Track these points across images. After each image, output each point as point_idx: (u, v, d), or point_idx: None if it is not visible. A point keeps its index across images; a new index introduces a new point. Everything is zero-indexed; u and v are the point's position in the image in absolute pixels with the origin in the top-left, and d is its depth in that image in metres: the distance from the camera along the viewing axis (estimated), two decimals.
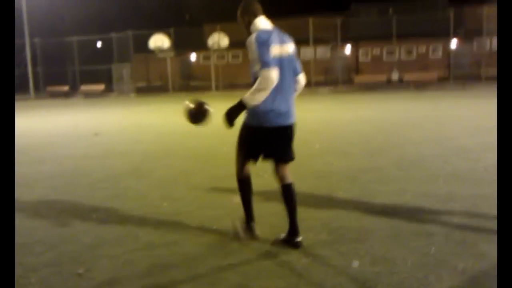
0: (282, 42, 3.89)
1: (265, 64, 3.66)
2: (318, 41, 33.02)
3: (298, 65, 4.09)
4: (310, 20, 30.31)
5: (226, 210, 5.06)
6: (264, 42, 3.73)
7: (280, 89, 3.82)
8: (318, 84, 30.37)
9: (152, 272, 3.64)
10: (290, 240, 4.03)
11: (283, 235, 4.11)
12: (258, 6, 4.04)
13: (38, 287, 3.46)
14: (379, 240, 4.12)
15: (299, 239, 4.02)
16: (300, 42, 38.67)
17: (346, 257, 3.77)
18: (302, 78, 4.16)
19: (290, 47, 3.96)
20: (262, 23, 3.97)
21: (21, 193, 6.22)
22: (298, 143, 4.32)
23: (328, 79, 33.81)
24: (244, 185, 4.20)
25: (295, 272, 3.54)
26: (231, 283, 3.40)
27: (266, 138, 3.93)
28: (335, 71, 32.82)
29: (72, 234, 4.57)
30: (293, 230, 4.04)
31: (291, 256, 3.83)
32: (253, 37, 3.81)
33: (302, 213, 4.92)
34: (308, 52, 31.73)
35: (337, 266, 3.62)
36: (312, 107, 18.21)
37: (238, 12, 4.04)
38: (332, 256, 3.79)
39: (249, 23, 3.99)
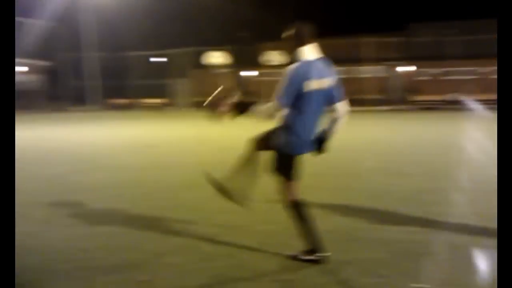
0: (321, 76, 3.88)
1: (282, 99, 3.77)
2: (375, 60, 32.73)
3: (338, 94, 4.04)
4: (368, 40, 30.11)
5: (281, 225, 5.06)
6: (296, 77, 3.78)
7: (309, 121, 3.92)
8: (376, 103, 30.05)
9: (214, 283, 3.69)
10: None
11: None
12: (309, 32, 3.98)
13: None
14: (441, 263, 4.02)
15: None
16: (357, 61, 38.54)
17: (407, 278, 3.70)
18: (341, 106, 4.06)
19: (329, 81, 3.94)
20: (307, 53, 3.92)
21: (81, 200, 6.45)
22: (355, 162, 4.26)
23: (385, 98, 33.40)
24: (299, 209, 4.05)
25: None
26: None
27: (293, 163, 4.03)
28: (393, 90, 32.38)
29: (136, 242, 4.70)
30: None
31: (351, 274, 3.79)
32: (292, 67, 3.83)
33: (360, 232, 4.89)
34: (365, 71, 31.45)
35: (398, 287, 3.56)
36: (369, 126, 18.02)
37: (286, 34, 3.98)
38: (392, 277, 3.73)
39: (294, 47, 3.94)
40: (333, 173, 8.25)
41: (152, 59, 40.77)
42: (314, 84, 3.82)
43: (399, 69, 33.83)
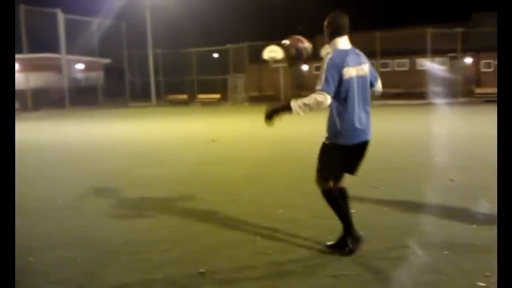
0: (358, 63, 3.97)
1: (325, 87, 3.80)
2: (436, 52, 31.78)
3: (374, 77, 4.18)
4: (429, 31, 29.26)
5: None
6: (335, 66, 3.86)
7: (354, 108, 3.93)
8: (437, 96, 29.19)
9: (270, 277, 3.70)
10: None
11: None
12: (345, 22, 4.05)
13: (163, 282, 3.64)
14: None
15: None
16: (417, 52, 37.51)
17: (471, 276, 3.57)
18: (378, 86, 4.26)
19: (366, 67, 4.04)
20: (342, 43, 4.02)
21: (142, 193, 6.61)
22: (416, 156, 4.17)
23: (447, 90, 32.40)
24: (331, 195, 4.11)
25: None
26: None
27: (343, 155, 4.03)
28: (455, 82, 31.35)
29: (194, 235, 4.77)
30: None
31: (411, 271, 3.70)
32: (328, 57, 3.93)
33: (421, 228, 4.76)
34: (424, 63, 30.61)
35: (462, 284, 3.45)
36: (429, 120, 17.53)
37: (325, 22, 4.09)
38: (456, 274, 3.62)
39: (331, 36, 4.04)
40: (392, 168, 8.07)
41: (212, 54, 41.31)
42: (353, 71, 3.91)
43: (462, 60, 32.70)
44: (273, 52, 31.53)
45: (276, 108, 4.05)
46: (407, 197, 6.08)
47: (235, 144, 12.09)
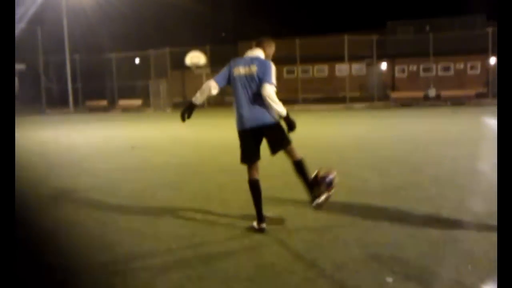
0: (248, 65, 4.84)
1: (215, 77, 4.97)
2: (353, 58, 32.91)
3: (263, 79, 4.73)
4: (346, 38, 30.26)
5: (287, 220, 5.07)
6: (229, 65, 4.96)
7: (239, 101, 4.85)
8: (354, 100, 30.21)
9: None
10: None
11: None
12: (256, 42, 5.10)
13: None
14: (414, 256, 4.04)
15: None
16: (336, 59, 38.54)
17: (380, 272, 3.71)
18: (263, 88, 4.72)
19: (253, 68, 4.80)
20: (248, 52, 5.02)
21: (58, 204, 6.37)
22: (334, 159, 4.31)
23: (363, 95, 33.60)
24: (251, 188, 4.90)
25: (327, 287, 3.51)
26: None
27: (243, 139, 4.94)
28: (371, 87, 32.58)
29: (107, 244, 4.65)
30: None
31: (324, 271, 3.79)
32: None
33: (334, 228, 4.90)
34: (343, 68, 31.65)
35: (371, 281, 3.57)
36: (347, 123, 18.11)
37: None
38: (366, 272, 3.74)
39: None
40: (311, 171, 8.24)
41: (133, 60, 40.50)
42: (241, 70, 4.84)
43: (378, 66, 34.06)
44: (195, 57, 31.43)
45: (184, 108, 5.11)
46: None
47: (156, 151, 11.91)
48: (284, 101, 4.93)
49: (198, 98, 4.99)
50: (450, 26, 34.56)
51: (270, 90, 4.67)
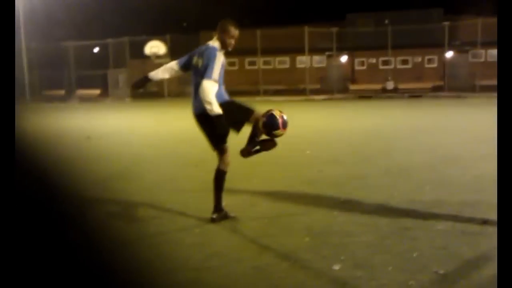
0: (198, 55, 4.86)
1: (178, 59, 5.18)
2: (313, 50, 33.09)
3: (204, 74, 4.64)
4: (306, 30, 30.40)
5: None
6: (191, 52, 5.07)
7: (192, 88, 4.88)
8: (313, 92, 30.43)
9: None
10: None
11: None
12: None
13: None
14: (362, 245, 4.10)
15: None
16: (295, 51, 38.63)
17: (328, 260, 3.75)
18: (200, 83, 4.65)
19: (200, 62, 4.80)
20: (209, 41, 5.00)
21: None
22: (290, 150, 4.34)
23: (323, 87, 33.88)
24: (218, 177, 4.93)
25: (274, 275, 3.53)
26: (210, 286, 3.37)
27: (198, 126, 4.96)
28: (331, 80, 32.88)
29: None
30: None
31: (272, 259, 3.81)
32: None
33: (286, 218, 4.93)
34: (303, 60, 31.85)
35: (318, 269, 3.61)
36: (306, 115, 18.23)
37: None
38: (314, 260, 3.78)
39: None
40: (268, 162, 8.27)
41: (91, 49, 39.68)
42: (195, 61, 4.87)
43: (338, 58, 34.38)
44: (155, 47, 31.05)
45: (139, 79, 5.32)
46: (277, 188, 6.25)
47: (112, 140, 11.72)
48: (246, 93, 4.94)
49: (157, 73, 5.14)
50: (409, 20, 35.15)
51: (204, 86, 4.56)
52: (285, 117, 4.74)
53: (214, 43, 4.84)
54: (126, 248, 4.11)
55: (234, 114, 4.73)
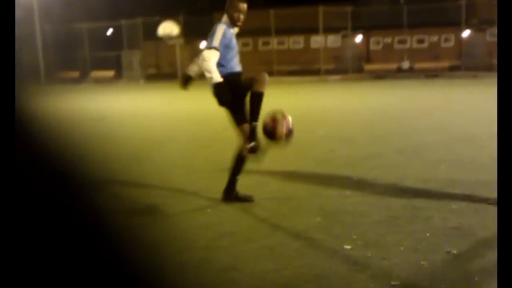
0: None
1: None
2: (328, 30, 32.74)
3: (206, 44, 4.63)
4: (320, 9, 30.07)
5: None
6: None
7: None
8: (328, 72, 30.20)
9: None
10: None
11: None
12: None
13: None
14: (374, 224, 4.07)
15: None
16: (310, 30, 38.31)
17: (339, 240, 3.72)
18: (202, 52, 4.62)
19: (208, 40, 4.66)
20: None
21: None
22: (302, 130, 4.32)
23: (338, 67, 33.58)
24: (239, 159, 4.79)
25: (285, 254, 3.51)
26: (220, 265, 3.37)
27: None
28: (346, 59, 32.58)
29: None
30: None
31: (283, 239, 3.79)
32: None
33: (297, 198, 4.90)
34: (318, 40, 31.56)
35: (329, 249, 3.58)
36: (320, 95, 18.10)
37: None
38: (325, 239, 3.75)
39: None
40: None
41: (105, 30, 39.68)
42: None
43: (353, 38, 34.01)
44: (168, 28, 30.94)
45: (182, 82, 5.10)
46: (288, 168, 6.22)
47: (126, 122, 11.76)
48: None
49: (192, 67, 5.06)
50: None
51: (203, 54, 4.52)
52: (290, 125, 4.62)
53: (223, 20, 4.77)
54: (135, 230, 4.13)
55: (243, 85, 4.64)
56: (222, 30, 4.57)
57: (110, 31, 40.03)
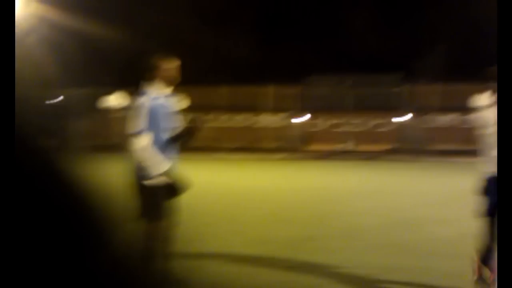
0: None
1: None
2: (275, 110, 33.55)
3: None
4: (267, 90, 30.96)
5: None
6: None
7: None
8: (273, 150, 30.54)
9: None
10: None
11: None
12: None
13: None
14: None
15: None
16: (259, 109, 39.02)
17: None
18: None
19: None
20: None
21: None
22: (244, 209, 4.19)
23: (283, 146, 34.08)
24: None
25: None
26: None
27: None
28: (291, 139, 33.19)
29: None
30: None
31: None
32: None
33: (240, 279, 4.70)
34: (266, 119, 32.21)
35: None
36: (261, 173, 18.13)
37: None
38: None
39: None
40: (221, 220, 8.05)
41: (48, 100, 39.01)
42: None
43: (295, 119, 34.88)
44: (113, 100, 30.76)
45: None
46: (226, 248, 6.02)
47: None
48: (205, 149, 4.70)
49: None
50: (370, 83, 36.16)
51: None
52: None
53: (149, 88, 4.26)
54: None
55: None
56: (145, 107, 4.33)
57: (54, 101, 39.38)
